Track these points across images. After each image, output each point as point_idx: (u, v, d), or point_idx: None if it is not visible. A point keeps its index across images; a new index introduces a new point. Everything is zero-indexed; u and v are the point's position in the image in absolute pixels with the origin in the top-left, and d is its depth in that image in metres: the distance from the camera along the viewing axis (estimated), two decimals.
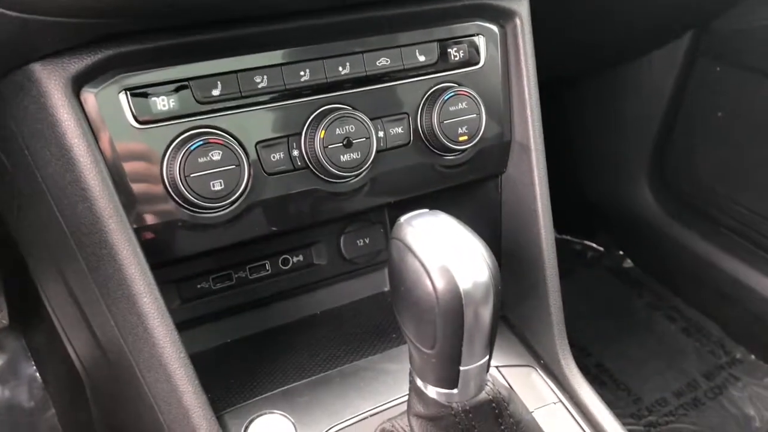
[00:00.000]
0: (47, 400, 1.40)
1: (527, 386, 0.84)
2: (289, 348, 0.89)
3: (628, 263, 2.08)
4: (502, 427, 0.67)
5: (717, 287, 1.85)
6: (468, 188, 0.89)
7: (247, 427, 0.75)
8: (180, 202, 0.69)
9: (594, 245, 2.14)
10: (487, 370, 0.64)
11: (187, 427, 0.68)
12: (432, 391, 0.64)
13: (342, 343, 0.88)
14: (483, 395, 0.65)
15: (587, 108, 2.00)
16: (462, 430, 0.65)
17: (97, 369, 0.90)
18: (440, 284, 0.57)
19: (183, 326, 0.73)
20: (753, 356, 1.82)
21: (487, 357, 0.63)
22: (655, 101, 1.85)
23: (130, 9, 0.58)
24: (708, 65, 1.73)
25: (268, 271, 0.95)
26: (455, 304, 0.58)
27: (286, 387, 0.80)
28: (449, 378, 0.63)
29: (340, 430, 0.76)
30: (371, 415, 0.78)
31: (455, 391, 0.63)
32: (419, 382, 0.65)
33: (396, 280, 0.62)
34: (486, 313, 0.59)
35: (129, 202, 0.67)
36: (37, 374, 1.40)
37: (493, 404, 0.65)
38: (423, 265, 0.58)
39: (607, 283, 2.04)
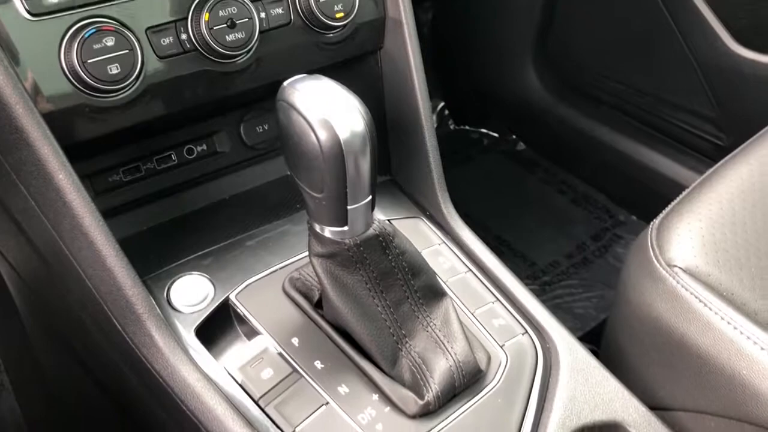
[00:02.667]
0: None
1: (415, 233, 0.95)
2: (203, 226, 0.97)
3: (521, 146, 2.23)
4: (390, 257, 0.78)
5: (600, 159, 2.03)
6: (350, 65, 0.98)
7: (169, 288, 0.84)
8: (81, 87, 0.75)
9: (489, 132, 2.28)
10: (372, 210, 0.75)
11: (113, 287, 0.76)
12: (327, 231, 0.75)
13: (250, 216, 0.97)
14: (371, 231, 0.76)
15: (471, 2, 2.09)
16: (355, 261, 0.76)
17: (27, 264, 0.96)
18: (322, 135, 0.67)
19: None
20: (634, 217, 2.03)
21: (370, 197, 0.74)
22: None
23: None
24: None
25: (174, 161, 1.02)
26: (336, 152, 0.67)
27: (200, 252, 0.89)
28: (339, 217, 0.73)
29: (253, 282, 0.86)
30: (281, 268, 0.88)
31: (346, 228, 0.74)
32: (316, 226, 0.75)
33: (285, 137, 0.71)
34: (364, 158, 0.69)
35: (33, 90, 0.73)
36: None
37: (380, 238, 0.77)
38: (306, 120, 0.67)
39: (502, 165, 2.20)
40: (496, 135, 2.27)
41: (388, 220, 0.95)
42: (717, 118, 1.74)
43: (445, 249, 0.96)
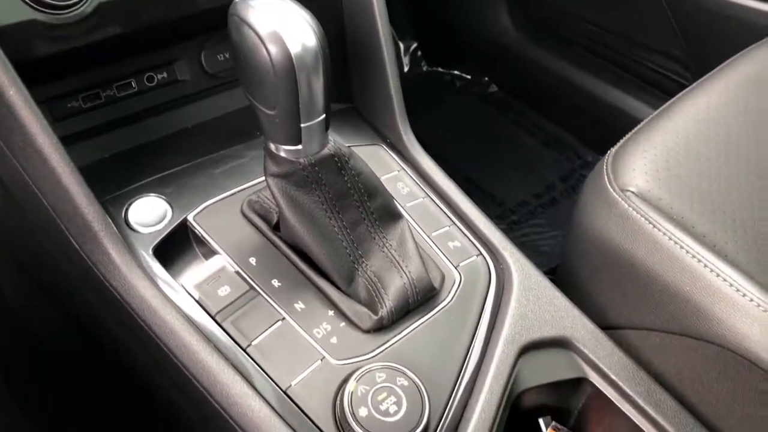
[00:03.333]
0: None
1: (375, 160, 0.96)
2: (163, 152, 0.97)
3: (493, 88, 2.23)
4: (345, 178, 0.79)
5: (571, 100, 2.03)
6: None
7: (127, 209, 0.84)
8: (32, 2, 0.74)
9: (462, 74, 2.27)
10: (326, 128, 0.76)
11: (69, 206, 0.77)
12: (281, 150, 0.75)
13: (210, 141, 0.98)
14: (325, 151, 0.76)
15: None
16: (311, 181, 0.77)
17: None
18: (273, 50, 0.67)
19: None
20: (602, 157, 2.04)
21: (324, 116, 0.74)
22: None
23: None
24: None
25: (134, 88, 1.01)
26: (287, 66, 0.68)
27: (159, 175, 0.89)
28: (293, 135, 0.73)
29: (211, 204, 0.86)
30: (239, 191, 0.89)
31: (300, 147, 0.74)
32: (271, 146, 0.76)
33: (236, 52, 0.71)
34: (316, 73, 0.69)
35: None
36: None
37: (335, 158, 0.77)
38: (257, 34, 0.67)
39: (474, 107, 2.20)
40: (468, 77, 2.26)
41: (348, 147, 0.96)
42: (685, 58, 1.75)
43: (404, 175, 0.97)
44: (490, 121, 2.15)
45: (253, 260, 0.82)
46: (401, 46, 2.29)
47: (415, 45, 2.31)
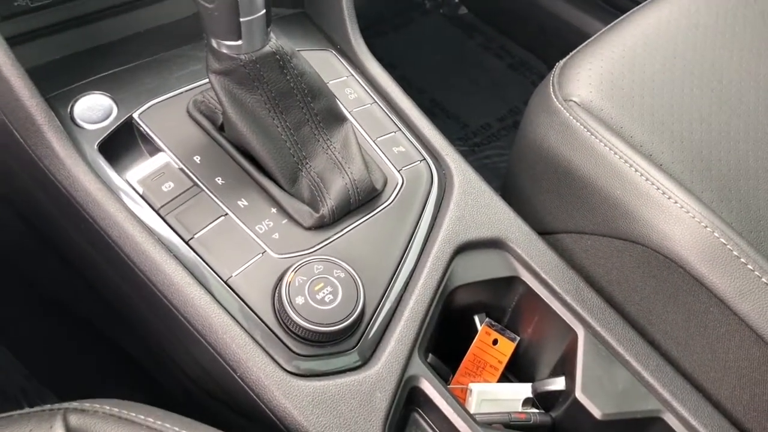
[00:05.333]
0: None
1: (324, 65, 0.97)
2: (112, 52, 0.97)
3: (463, 10, 2.21)
4: (288, 77, 0.80)
5: (540, 24, 2.02)
6: None
7: (72, 106, 0.85)
8: None
9: None
10: (267, 25, 0.76)
11: (11, 98, 0.77)
12: (222, 47, 0.75)
13: (160, 45, 0.97)
14: (267, 48, 0.77)
15: None
16: (252, 79, 0.78)
17: None
18: None
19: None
20: None
21: (264, 11, 0.74)
22: None
23: None
24: None
25: None
26: None
27: (104, 73, 0.89)
28: (233, 30, 0.73)
29: (157, 103, 0.87)
30: (186, 91, 0.89)
31: (241, 42, 0.75)
32: (213, 42, 0.76)
33: None
34: None
35: None
36: None
37: (277, 56, 0.78)
38: None
39: (443, 29, 2.18)
40: None
41: (297, 51, 0.96)
42: None
43: (352, 81, 0.98)
44: (459, 44, 2.15)
45: (197, 158, 0.84)
46: None
47: None
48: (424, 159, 0.92)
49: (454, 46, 2.14)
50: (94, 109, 0.85)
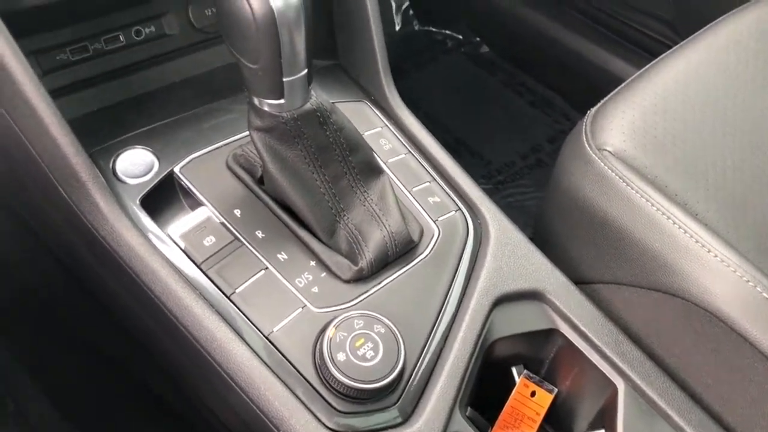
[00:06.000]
0: None
1: (359, 116, 0.98)
2: (150, 105, 0.99)
3: (485, 48, 2.23)
4: (327, 132, 0.81)
5: (561, 62, 2.04)
6: None
7: (114, 161, 0.86)
8: None
9: (453, 34, 2.27)
10: (309, 83, 0.77)
11: (58, 155, 0.79)
12: (264, 104, 0.77)
13: (197, 95, 0.99)
14: (308, 105, 0.78)
15: None
16: (293, 136, 0.79)
17: None
18: (255, 4, 0.68)
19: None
20: None
21: (306, 71, 0.76)
22: None
23: None
24: None
25: (122, 42, 1.02)
26: (269, 20, 0.69)
27: (146, 128, 0.91)
28: (276, 89, 0.75)
29: (197, 158, 0.88)
30: (225, 145, 0.91)
31: (283, 101, 0.76)
32: (254, 99, 0.77)
33: (219, 6, 0.72)
34: (298, 29, 0.71)
35: None
36: None
37: (317, 113, 0.79)
38: None
39: (465, 67, 2.20)
40: (459, 36, 2.26)
41: (333, 104, 0.97)
42: (674, 21, 1.76)
43: (387, 132, 0.99)
44: (481, 82, 2.16)
45: (237, 212, 0.85)
46: (393, 4, 2.28)
47: (407, 4, 2.30)
48: (459, 209, 0.93)
49: (476, 84, 2.16)
50: (136, 163, 0.86)
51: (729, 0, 1.52)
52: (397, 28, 2.28)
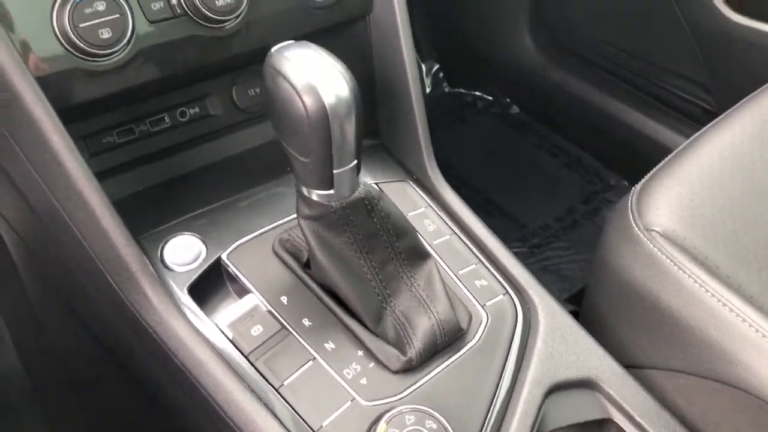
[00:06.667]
0: None
1: (402, 197, 0.98)
2: (196, 187, 1.00)
3: (515, 109, 2.24)
4: (375, 220, 0.81)
5: (592, 122, 2.04)
6: (340, 30, 0.99)
7: (162, 248, 0.87)
8: (72, 51, 0.77)
9: (483, 95, 2.29)
10: (357, 173, 0.78)
11: (107, 246, 0.79)
12: (314, 195, 0.77)
13: (242, 178, 1.00)
14: (356, 194, 0.78)
15: None
16: (341, 224, 0.79)
17: (25, 224, 0.98)
18: (308, 101, 0.69)
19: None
20: (625, 181, 2.05)
21: (356, 161, 0.76)
22: None
23: None
24: None
25: (167, 123, 1.04)
26: (322, 117, 0.70)
27: (193, 213, 0.92)
28: (326, 181, 0.75)
29: (244, 243, 0.88)
30: (271, 229, 0.91)
31: (332, 192, 0.76)
32: (303, 189, 0.78)
33: (272, 103, 0.73)
34: (349, 123, 0.71)
35: (27, 54, 0.75)
36: None
37: (365, 201, 0.79)
38: (292, 85, 0.69)
39: (495, 128, 2.21)
40: (489, 98, 2.28)
41: (376, 184, 0.98)
42: (707, 83, 1.75)
43: (431, 212, 0.98)
44: (512, 142, 2.17)
45: (284, 299, 0.84)
46: (423, 67, 2.31)
47: (436, 66, 2.33)
48: (507, 292, 0.91)
49: (507, 145, 2.16)
50: (184, 250, 0.87)
51: (765, 65, 1.53)
52: (428, 90, 2.31)
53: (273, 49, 0.72)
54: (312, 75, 0.69)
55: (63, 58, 0.77)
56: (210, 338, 0.80)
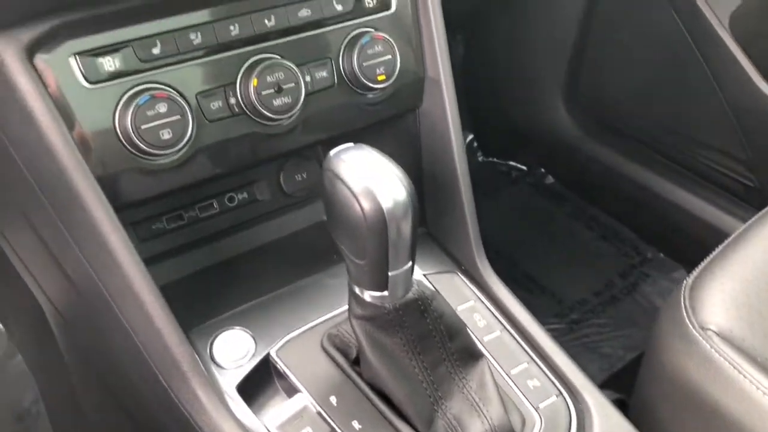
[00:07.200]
0: (13, 348, 1.47)
1: (451, 289, 0.97)
2: (243, 274, 1.00)
3: (550, 179, 2.24)
4: (428, 320, 0.80)
5: (629, 195, 2.03)
6: (390, 123, 1.00)
7: (212, 342, 0.86)
8: (134, 151, 0.78)
9: (518, 165, 2.29)
10: (412, 274, 0.77)
11: (160, 345, 0.79)
12: (367, 295, 0.76)
13: (289, 267, 1.00)
14: (410, 295, 0.77)
15: (502, 39, 2.11)
16: (394, 325, 0.78)
17: (71, 308, 0.99)
18: (366, 205, 0.69)
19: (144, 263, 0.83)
20: (662, 254, 2.02)
21: (411, 263, 0.75)
22: (566, 26, 1.97)
23: None
24: None
25: (215, 209, 1.05)
26: (380, 220, 0.69)
27: (242, 307, 0.91)
28: (380, 282, 0.75)
29: (293, 338, 0.88)
30: (320, 324, 0.90)
31: (386, 293, 0.75)
32: (356, 289, 0.77)
33: (329, 205, 0.73)
34: (406, 226, 0.71)
35: (88, 154, 0.76)
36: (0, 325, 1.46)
37: (419, 302, 0.78)
38: (351, 190, 0.69)
39: (531, 199, 2.21)
40: (524, 168, 2.28)
41: (424, 275, 0.97)
42: (747, 160, 1.73)
43: (480, 306, 0.97)
44: (547, 213, 2.16)
45: (333, 399, 0.83)
46: None
47: (471, 137, 2.34)
48: (561, 393, 0.89)
49: (543, 216, 2.15)
50: (233, 346, 0.86)
51: None
52: None
53: (331, 153, 0.72)
54: (369, 179, 0.69)
55: (123, 158, 0.78)
56: None
